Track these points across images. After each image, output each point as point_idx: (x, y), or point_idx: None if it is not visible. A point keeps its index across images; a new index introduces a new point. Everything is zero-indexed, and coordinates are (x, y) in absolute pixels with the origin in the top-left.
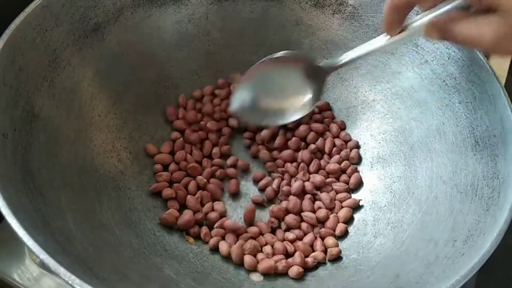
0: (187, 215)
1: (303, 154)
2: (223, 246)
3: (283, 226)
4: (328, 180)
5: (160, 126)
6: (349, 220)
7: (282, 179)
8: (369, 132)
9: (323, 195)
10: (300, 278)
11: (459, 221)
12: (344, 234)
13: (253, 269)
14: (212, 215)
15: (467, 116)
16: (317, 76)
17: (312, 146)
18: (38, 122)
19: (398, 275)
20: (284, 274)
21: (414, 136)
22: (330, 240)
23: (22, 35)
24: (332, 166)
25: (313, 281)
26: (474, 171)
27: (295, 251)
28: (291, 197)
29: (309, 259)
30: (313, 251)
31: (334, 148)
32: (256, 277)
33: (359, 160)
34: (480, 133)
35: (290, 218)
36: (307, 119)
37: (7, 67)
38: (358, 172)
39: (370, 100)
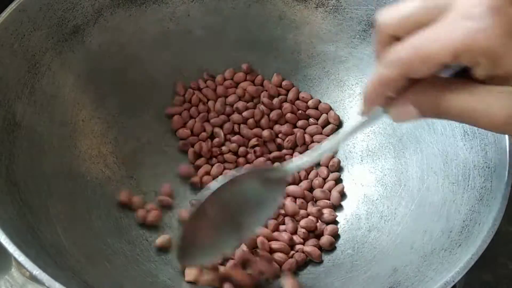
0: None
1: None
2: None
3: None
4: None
5: (146, 129)
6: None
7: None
8: None
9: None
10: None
11: (453, 212)
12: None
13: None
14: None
15: None
16: (276, 183)
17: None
18: (21, 130)
19: (395, 268)
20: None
21: (402, 127)
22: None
23: None
24: None
25: (310, 279)
26: (464, 161)
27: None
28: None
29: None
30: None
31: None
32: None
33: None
34: None
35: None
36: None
37: None
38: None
39: (357, 94)
